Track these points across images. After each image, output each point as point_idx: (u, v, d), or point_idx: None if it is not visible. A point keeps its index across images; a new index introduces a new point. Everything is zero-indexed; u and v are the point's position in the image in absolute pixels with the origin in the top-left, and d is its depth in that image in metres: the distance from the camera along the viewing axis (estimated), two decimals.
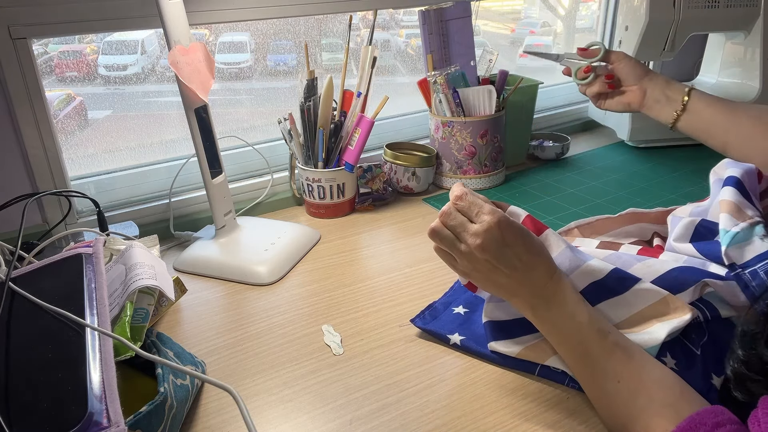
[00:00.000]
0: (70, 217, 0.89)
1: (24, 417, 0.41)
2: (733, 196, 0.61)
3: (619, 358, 0.53)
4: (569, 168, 1.19)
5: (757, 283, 0.54)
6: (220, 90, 1.10)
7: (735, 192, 0.61)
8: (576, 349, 0.55)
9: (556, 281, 0.56)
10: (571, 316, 0.55)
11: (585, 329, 0.54)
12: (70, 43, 0.99)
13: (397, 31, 1.31)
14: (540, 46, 1.54)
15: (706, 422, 0.46)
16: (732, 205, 0.60)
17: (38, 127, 0.83)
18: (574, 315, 0.55)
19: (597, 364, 0.54)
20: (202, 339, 0.69)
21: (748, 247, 0.57)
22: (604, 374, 0.53)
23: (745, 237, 0.57)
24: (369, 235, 0.94)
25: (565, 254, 0.59)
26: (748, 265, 0.56)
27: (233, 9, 0.93)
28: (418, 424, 0.55)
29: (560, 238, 0.60)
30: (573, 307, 0.55)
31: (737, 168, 0.64)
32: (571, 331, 0.55)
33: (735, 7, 1.17)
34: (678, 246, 0.65)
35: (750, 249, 0.57)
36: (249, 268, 0.81)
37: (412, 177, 1.06)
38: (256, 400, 0.59)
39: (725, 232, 0.58)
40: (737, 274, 0.56)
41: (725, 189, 0.62)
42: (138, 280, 0.57)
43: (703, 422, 0.46)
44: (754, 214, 0.59)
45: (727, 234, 0.58)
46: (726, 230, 0.58)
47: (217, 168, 0.85)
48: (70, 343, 0.47)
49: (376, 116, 0.97)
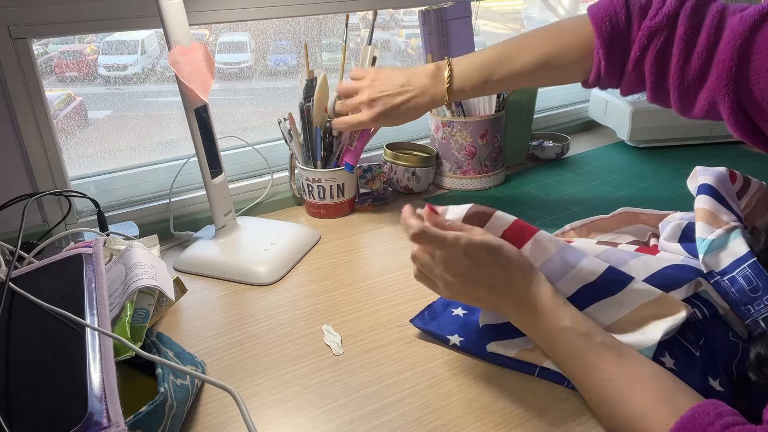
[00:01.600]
0: (70, 217, 0.89)
1: (24, 417, 0.41)
2: (708, 204, 0.61)
3: (609, 357, 0.53)
4: (569, 168, 1.19)
5: (736, 289, 0.55)
6: (220, 90, 1.10)
7: (709, 199, 0.62)
8: (565, 352, 0.56)
9: (536, 289, 0.57)
10: (556, 320, 0.56)
11: (571, 333, 0.55)
12: (70, 43, 0.99)
13: (397, 31, 1.31)
14: None
15: (708, 412, 0.46)
16: (707, 213, 0.61)
17: (38, 127, 0.84)
18: (559, 319, 0.55)
19: (587, 364, 0.54)
20: (202, 339, 0.69)
21: (723, 253, 0.57)
22: (595, 374, 0.53)
23: (721, 243, 0.58)
24: (369, 235, 0.94)
25: (556, 259, 0.59)
26: (726, 272, 0.56)
27: (233, 9, 0.93)
28: (418, 424, 0.55)
29: (553, 239, 0.60)
30: (556, 311, 0.56)
31: (708, 174, 0.65)
32: (558, 335, 0.55)
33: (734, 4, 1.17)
34: (667, 245, 0.65)
35: (726, 254, 0.57)
36: (249, 268, 0.81)
37: (412, 177, 1.06)
38: (256, 400, 0.59)
39: (701, 241, 0.58)
40: (716, 282, 0.56)
41: (699, 198, 0.63)
42: (138, 280, 0.57)
43: (706, 412, 0.46)
44: (729, 219, 0.60)
45: (703, 242, 0.58)
46: (702, 238, 0.58)
47: (217, 168, 0.85)
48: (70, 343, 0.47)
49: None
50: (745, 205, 0.67)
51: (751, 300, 0.54)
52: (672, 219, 0.69)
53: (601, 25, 0.67)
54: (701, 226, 0.60)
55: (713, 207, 0.61)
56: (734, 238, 0.57)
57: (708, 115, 0.63)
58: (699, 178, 0.65)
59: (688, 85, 0.62)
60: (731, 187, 0.65)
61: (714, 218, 0.60)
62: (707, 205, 0.61)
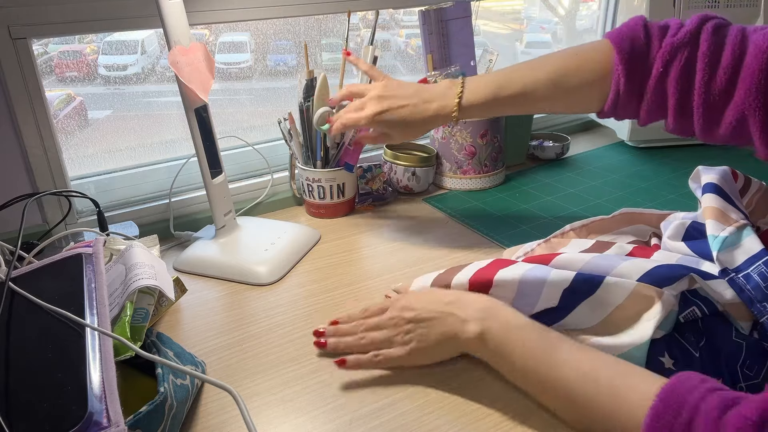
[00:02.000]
0: (70, 217, 0.89)
1: (24, 417, 0.41)
2: (716, 202, 0.62)
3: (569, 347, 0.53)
4: (569, 168, 1.19)
5: (752, 286, 0.55)
6: (220, 90, 1.10)
7: (716, 197, 0.62)
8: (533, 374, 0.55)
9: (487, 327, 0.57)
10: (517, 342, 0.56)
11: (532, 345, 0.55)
12: (70, 43, 0.99)
13: (397, 31, 1.31)
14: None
15: (691, 378, 0.46)
16: (716, 211, 0.61)
17: (38, 127, 0.84)
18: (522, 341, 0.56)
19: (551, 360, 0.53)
20: (202, 339, 0.69)
21: (737, 251, 0.57)
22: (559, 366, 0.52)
23: (734, 241, 0.58)
24: (369, 235, 0.94)
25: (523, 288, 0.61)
26: (741, 269, 0.56)
27: (233, 9, 0.93)
28: (417, 424, 0.55)
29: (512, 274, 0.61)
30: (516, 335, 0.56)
31: (712, 173, 0.65)
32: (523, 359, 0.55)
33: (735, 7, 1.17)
34: (671, 244, 0.65)
35: (740, 252, 0.57)
36: (249, 268, 0.81)
37: (412, 177, 1.06)
38: (256, 400, 0.59)
39: (714, 238, 0.59)
40: (731, 279, 0.56)
41: (706, 196, 0.63)
42: (138, 280, 0.57)
43: (689, 377, 0.46)
44: (738, 217, 0.60)
45: (716, 239, 0.58)
46: (714, 236, 0.59)
47: (217, 168, 0.85)
48: (70, 343, 0.47)
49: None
50: (745, 204, 0.67)
51: (766, 297, 0.54)
52: (674, 218, 0.69)
53: (621, 43, 0.65)
54: (712, 224, 0.60)
55: (721, 205, 0.61)
56: (746, 236, 0.58)
57: (734, 134, 0.60)
58: (703, 177, 0.65)
59: (714, 102, 0.59)
60: (735, 186, 0.65)
61: (723, 216, 0.60)
62: (715, 203, 0.61)
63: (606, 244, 0.71)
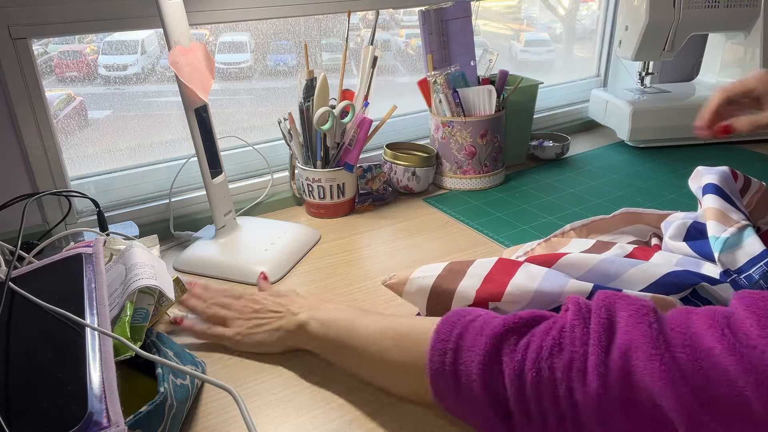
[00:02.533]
0: (70, 217, 0.89)
1: (24, 417, 0.41)
2: (716, 203, 0.62)
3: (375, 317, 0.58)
4: (569, 168, 1.19)
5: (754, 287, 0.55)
6: (220, 90, 1.10)
7: (717, 198, 0.62)
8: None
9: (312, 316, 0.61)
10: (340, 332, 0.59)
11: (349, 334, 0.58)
12: (70, 43, 0.99)
13: (397, 31, 1.31)
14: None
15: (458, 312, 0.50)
16: (717, 212, 0.61)
17: (38, 127, 0.84)
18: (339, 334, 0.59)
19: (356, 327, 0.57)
20: None
21: (739, 252, 0.57)
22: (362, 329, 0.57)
23: (736, 242, 0.58)
24: (369, 235, 0.94)
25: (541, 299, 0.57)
26: (743, 270, 0.56)
27: (233, 9, 0.93)
28: (417, 424, 0.55)
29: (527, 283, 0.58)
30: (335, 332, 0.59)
31: (712, 174, 0.65)
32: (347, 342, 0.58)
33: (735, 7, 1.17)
34: (673, 244, 0.65)
35: (742, 253, 0.57)
36: (249, 268, 0.81)
37: (412, 177, 1.06)
38: (256, 400, 0.59)
39: (715, 239, 0.58)
40: (733, 280, 0.56)
41: (707, 197, 0.63)
42: (138, 280, 0.57)
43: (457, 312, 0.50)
44: (739, 217, 0.60)
45: (717, 240, 0.58)
46: (716, 237, 0.59)
47: (217, 168, 0.85)
48: (70, 343, 0.47)
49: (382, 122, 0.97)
50: (745, 204, 0.67)
51: None
52: (674, 218, 0.69)
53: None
54: (713, 225, 0.60)
55: (722, 206, 0.61)
56: (748, 237, 0.58)
57: None
58: (703, 177, 0.65)
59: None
60: (735, 186, 0.65)
61: (724, 217, 0.60)
62: (716, 204, 0.61)
63: (606, 244, 0.71)
